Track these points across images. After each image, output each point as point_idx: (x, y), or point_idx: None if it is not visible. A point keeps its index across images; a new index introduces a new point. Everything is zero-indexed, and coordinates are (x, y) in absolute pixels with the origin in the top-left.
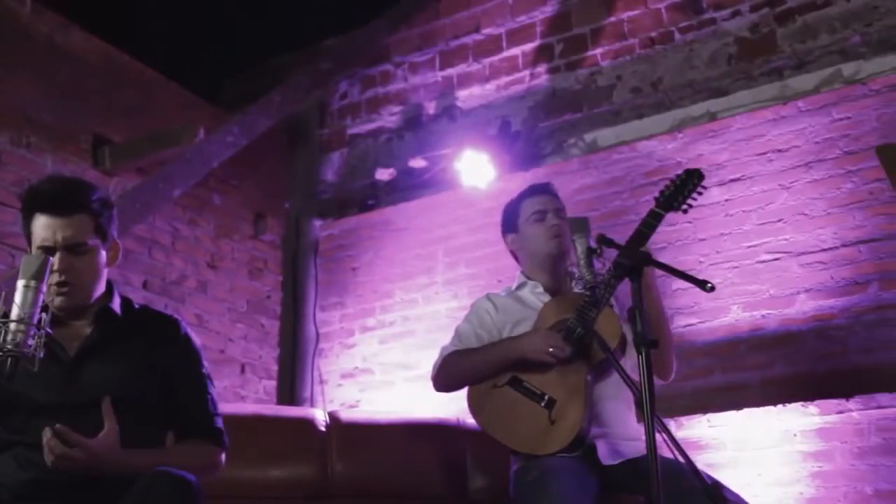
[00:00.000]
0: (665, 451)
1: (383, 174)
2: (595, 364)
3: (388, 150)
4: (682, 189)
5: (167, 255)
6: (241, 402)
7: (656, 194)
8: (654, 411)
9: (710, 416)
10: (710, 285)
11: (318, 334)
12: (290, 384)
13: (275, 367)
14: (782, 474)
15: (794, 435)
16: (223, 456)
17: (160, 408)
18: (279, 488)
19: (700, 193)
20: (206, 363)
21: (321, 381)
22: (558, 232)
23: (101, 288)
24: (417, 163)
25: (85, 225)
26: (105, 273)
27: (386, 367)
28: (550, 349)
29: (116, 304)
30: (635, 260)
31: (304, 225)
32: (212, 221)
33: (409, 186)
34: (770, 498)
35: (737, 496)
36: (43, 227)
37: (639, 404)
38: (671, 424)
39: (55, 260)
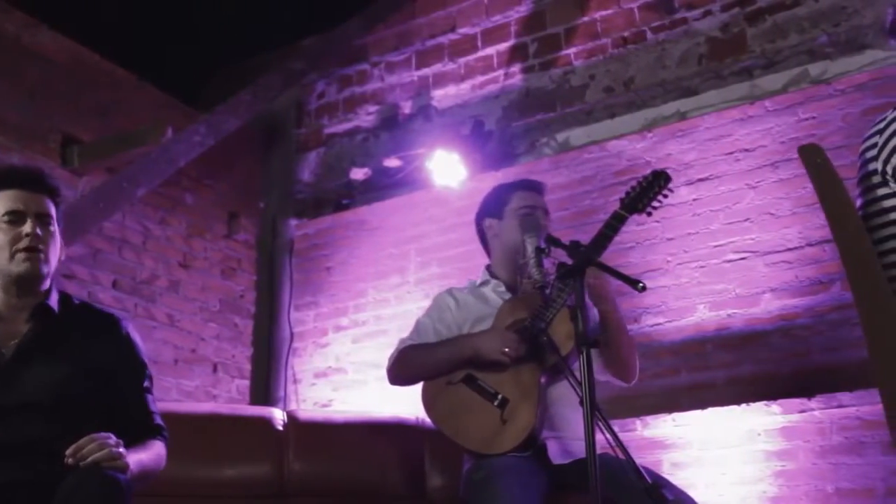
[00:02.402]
0: (620, 451)
1: (358, 174)
2: (549, 366)
3: (365, 150)
4: (648, 191)
5: (138, 255)
6: (213, 402)
7: (623, 195)
8: (594, 411)
9: (676, 415)
10: (641, 285)
11: (292, 334)
12: (265, 384)
13: (248, 367)
14: (746, 473)
15: (758, 434)
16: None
17: (101, 407)
18: (235, 487)
19: (665, 196)
20: (146, 363)
21: (295, 381)
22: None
23: (50, 276)
24: (392, 162)
25: (50, 206)
26: (57, 260)
27: (359, 367)
28: (505, 349)
29: (54, 301)
30: (577, 260)
31: (280, 224)
32: (184, 221)
33: (383, 186)
34: (734, 497)
35: (680, 494)
36: (14, 198)
37: (581, 403)
38: (637, 424)
39: (27, 225)
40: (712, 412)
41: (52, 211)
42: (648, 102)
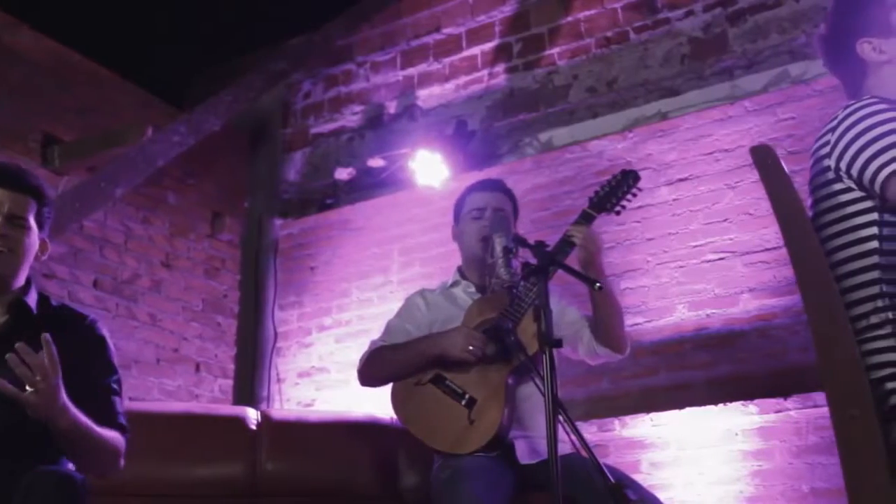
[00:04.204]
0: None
1: (342, 173)
2: (517, 366)
3: (350, 150)
4: (617, 190)
5: (119, 254)
6: (195, 401)
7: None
8: (556, 410)
9: (654, 415)
10: (598, 285)
11: (275, 333)
12: (249, 383)
13: (231, 366)
14: (723, 473)
15: (736, 434)
16: (122, 460)
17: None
18: (208, 487)
19: (635, 195)
20: (117, 368)
21: (278, 381)
22: (486, 233)
23: (24, 274)
24: (376, 162)
25: (30, 206)
26: (31, 260)
27: (341, 366)
28: (470, 347)
29: (32, 299)
30: (541, 260)
31: (265, 224)
32: (166, 220)
33: (367, 186)
34: (711, 497)
35: (645, 494)
36: None
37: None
38: (615, 423)
39: None
40: (690, 412)
41: (30, 211)
42: (631, 102)
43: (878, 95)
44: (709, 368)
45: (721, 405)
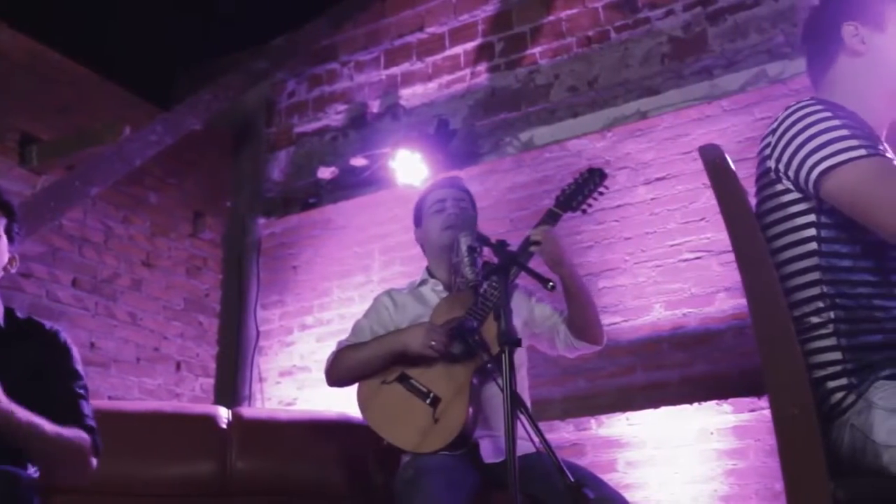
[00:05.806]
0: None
1: (325, 173)
2: (481, 365)
3: (333, 149)
4: (583, 188)
5: (99, 253)
6: (175, 400)
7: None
8: (515, 409)
9: (630, 414)
10: (551, 284)
11: (258, 332)
12: (231, 382)
13: (212, 365)
14: (698, 472)
15: (711, 433)
16: (94, 459)
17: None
18: (178, 486)
19: (602, 193)
20: (83, 374)
21: (260, 379)
22: (451, 222)
23: None
24: (359, 161)
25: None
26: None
27: (323, 366)
28: (432, 342)
29: None
30: (502, 260)
31: (248, 223)
32: (147, 219)
33: (349, 185)
34: (686, 496)
35: (608, 492)
36: None
37: (511, 402)
38: (591, 423)
39: None
40: (666, 411)
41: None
42: (611, 102)
43: (819, 97)
44: (685, 367)
45: (696, 404)
